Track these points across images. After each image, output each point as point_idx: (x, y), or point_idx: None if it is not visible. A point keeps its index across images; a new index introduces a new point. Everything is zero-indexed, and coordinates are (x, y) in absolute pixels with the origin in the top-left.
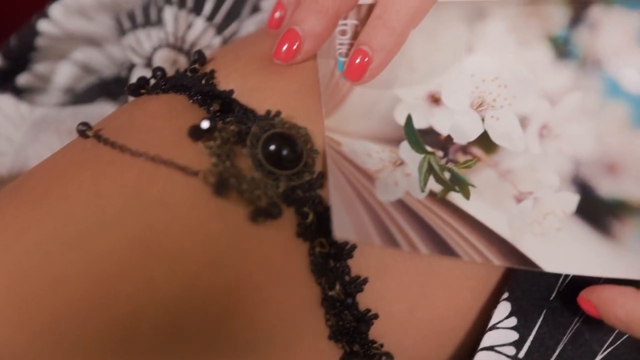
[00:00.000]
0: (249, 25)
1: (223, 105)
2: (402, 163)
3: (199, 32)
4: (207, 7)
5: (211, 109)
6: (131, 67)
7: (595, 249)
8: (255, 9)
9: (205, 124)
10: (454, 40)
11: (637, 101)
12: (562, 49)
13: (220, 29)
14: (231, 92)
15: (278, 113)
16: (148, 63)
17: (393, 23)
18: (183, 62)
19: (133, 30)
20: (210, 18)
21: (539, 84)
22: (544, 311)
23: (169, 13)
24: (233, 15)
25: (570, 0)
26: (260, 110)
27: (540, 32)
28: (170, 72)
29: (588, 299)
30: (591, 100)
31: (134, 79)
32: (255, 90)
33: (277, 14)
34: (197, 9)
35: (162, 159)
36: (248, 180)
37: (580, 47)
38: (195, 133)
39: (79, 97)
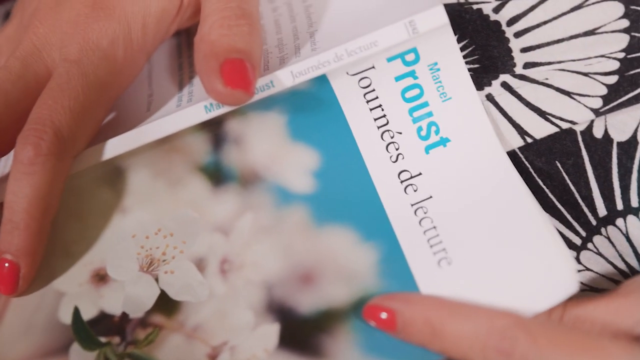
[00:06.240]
0: None
1: None
2: None
3: None
4: None
5: None
6: None
7: None
8: None
9: None
10: (102, 208)
11: (310, 200)
12: (216, 175)
13: None
14: None
15: None
16: None
17: (26, 222)
18: None
19: None
20: None
21: (205, 219)
22: None
23: None
24: None
25: (201, 125)
26: None
27: (187, 167)
28: None
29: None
30: (265, 216)
31: None
32: None
33: None
34: None
35: None
36: None
37: (233, 166)
38: None
39: None
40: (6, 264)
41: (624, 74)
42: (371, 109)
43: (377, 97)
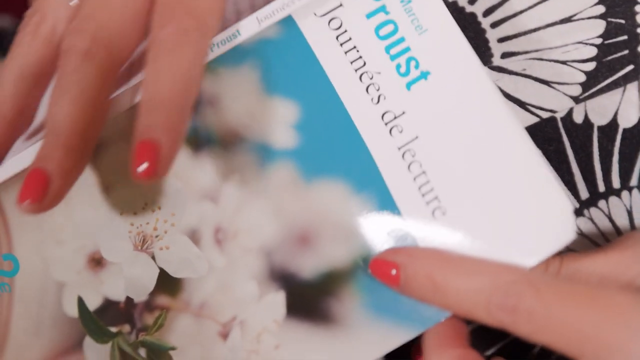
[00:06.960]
0: None
1: None
2: None
3: None
4: None
5: None
6: None
7: (322, 348)
8: None
9: None
10: (84, 188)
11: (295, 154)
12: (194, 140)
13: None
14: None
15: None
16: None
17: (172, 101)
18: None
19: None
20: None
21: (191, 188)
22: None
23: None
24: None
25: None
26: None
27: None
28: None
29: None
30: (251, 177)
31: None
32: None
33: None
34: None
35: None
36: None
37: (211, 129)
38: None
39: None
40: (151, 146)
41: (602, 60)
42: (346, 52)
43: (350, 39)
